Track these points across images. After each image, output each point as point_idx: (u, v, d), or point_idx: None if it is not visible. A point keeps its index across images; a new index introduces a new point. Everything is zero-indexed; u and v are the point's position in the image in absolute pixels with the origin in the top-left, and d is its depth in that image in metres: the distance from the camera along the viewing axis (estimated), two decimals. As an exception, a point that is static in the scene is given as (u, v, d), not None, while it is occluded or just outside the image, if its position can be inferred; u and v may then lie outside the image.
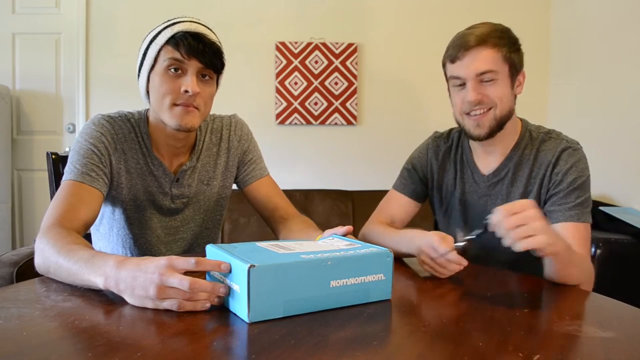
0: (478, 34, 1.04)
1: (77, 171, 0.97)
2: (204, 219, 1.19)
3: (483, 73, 1.04)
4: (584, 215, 1.03)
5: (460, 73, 1.06)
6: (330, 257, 0.68)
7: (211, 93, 1.04)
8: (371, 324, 0.64)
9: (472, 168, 1.18)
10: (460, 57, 1.05)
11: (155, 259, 0.67)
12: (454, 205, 1.21)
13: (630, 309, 0.75)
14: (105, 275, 0.68)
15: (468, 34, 1.06)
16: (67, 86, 2.94)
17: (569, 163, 1.06)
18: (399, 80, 3.04)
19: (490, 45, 1.04)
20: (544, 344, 0.59)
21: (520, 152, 1.12)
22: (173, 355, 0.52)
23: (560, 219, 1.03)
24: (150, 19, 1.34)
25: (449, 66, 1.10)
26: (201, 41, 0.97)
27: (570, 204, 1.03)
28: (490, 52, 1.03)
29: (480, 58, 1.03)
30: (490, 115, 1.06)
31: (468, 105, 1.06)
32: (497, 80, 1.05)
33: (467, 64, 1.04)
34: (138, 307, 0.66)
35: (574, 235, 1.00)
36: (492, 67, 1.04)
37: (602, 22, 2.56)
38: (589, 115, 2.63)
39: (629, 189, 2.36)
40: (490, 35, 1.04)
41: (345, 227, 0.89)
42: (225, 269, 0.66)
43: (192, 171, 1.14)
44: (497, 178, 1.14)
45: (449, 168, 1.22)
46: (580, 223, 1.02)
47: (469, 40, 1.04)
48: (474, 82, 1.05)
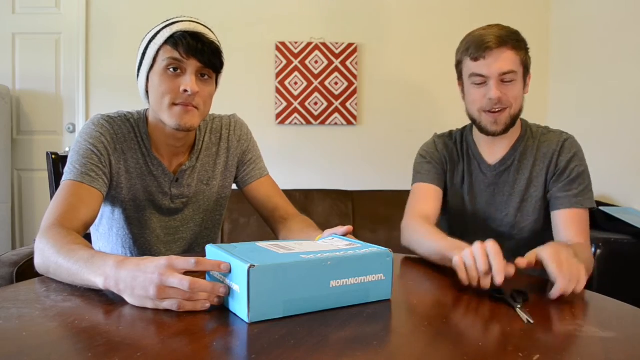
0: (498, 35, 1.10)
1: (76, 171, 0.97)
2: (204, 219, 1.19)
3: (506, 73, 1.10)
4: (587, 201, 1.13)
5: (483, 71, 1.11)
6: (330, 257, 0.68)
7: (210, 92, 1.04)
8: (371, 324, 0.64)
9: (479, 159, 1.25)
10: (484, 56, 1.10)
11: (155, 259, 0.67)
12: (464, 197, 1.26)
13: (630, 309, 0.75)
14: (105, 275, 0.68)
15: (487, 34, 1.11)
16: (67, 86, 2.94)
17: (572, 152, 1.16)
18: (399, 80, 3.04)
19: (511, 47, 1.10)
20: (544, 344, 0.59)
21: (524, 143, 1.22)
22: (173, 355, 0.52)
23: (566, 205, 1.12)
24: (150, 19, 1.34)
25: (470, 64, 1.13)
26: (200, 40, 0.97)
27: (574, 190, 1.13)
28: (511, 54, 1.10)
29: (503, 58, 1.09)
30: (507, 114, 1.14)
31: (489, 103, 1.12)
32: (515, 81, 1.12)
33: (490, 63, 1.10)
34: (138, 307, 0.66)
35: (577, 221, 1.11)
36: (514, 68, 1.10)
37: (602, 22, 2.56)
38: (589, 115, 2.63)
39: (629, 189, 2.36)
40: (510, 37, 1.10)
41: (345, 227, 0.89)
42: (225, 269, 0.66)
43: (192, 171, 1.14)
44: (504, 167, 1.22)
45: (458, 162, 1.28)
46: (582, 209, 1.12)
47: (491, 40, 1.09)
48: (496, 80, 1.10)
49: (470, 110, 1.19)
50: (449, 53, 1.33)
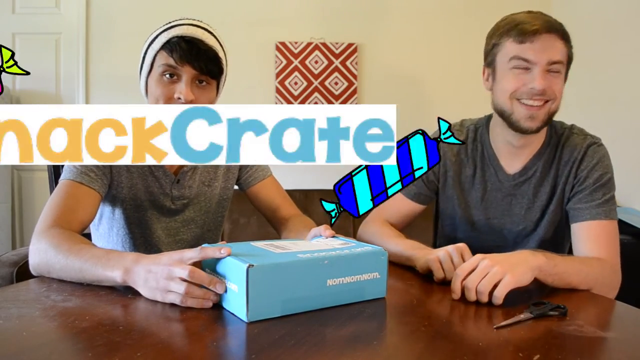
0: (547, 20, 0.98)
1: (76, 171, 0.97)
2: (205, 220, 1.19)
3: (554, 63, 0.97)
4: (612, 213, 1.00)
5: (530, 56, 0.97)
6: (327, 256, 0.69)
7: (209, 99, 1.03)
8: (371, 324, 0.64)
9: (495, 166, 1.12)
10: (532, 40, 0.96)
11: (170, 252, 0.71)
12: (473, 203, 1.14)
13: (630, 309, 0.75)
14: (125, 268, 0.71)
15: (534, 17, 0.98)
16: (67, 86, 2.93)
17: (595, 159, 1.02)
18: (399, 80, 3.04)
19: (560, 35, 0.98)
20: (544, 344, 0.59)
21: (549, 149, 1.08)
22: (173, 355, 0.52)
23: (587, 217, 0.99)
24: (150, 19, 1.34)
25: (514, 46, 0.98)
26: (196, 46, 0.96)
27: (597, 201, 1.00)
28: (561, 43, 0.98)
29: (554, 46, 0.97)
30: (547, 109, 1.00)
31: (529, 92, 0.98)
32: (561, 73, 1.00)
33: (540, 49, 0.96)
34: (138, 307, 0.67)
35: (601, 233, 0.98)
36: (562, 59, 0.98)
37: (602, 22, 2.56)
38: (589, 115, 2.63)
39: (629, 189, 2.36)
40: (559, 26, 0.99)
41: (328, 231, 0.87)
42: (224, 254, 0.67)
43: (193, 172, 1.14)
44: (524, 177, 1.09)
45: (467, 163, 1.15)
46: (607, 220, 0.99)
47: (540, 24, 0.96)
48: (542, 69, 0.97)
49: (500, 99, 1.03)
50: (449, 53, 1.33)
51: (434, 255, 0.88)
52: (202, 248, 0.69)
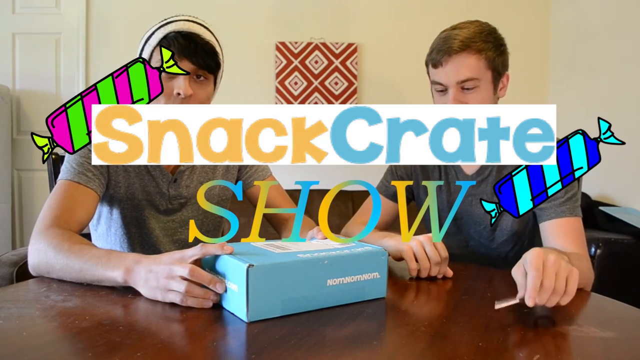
0: (462, 38, 1.03)
1: (73, 171, 0.97)
2: (203, 220, 1.19)
3: (465, 81, 1.03)
4: (576, 210, 1.00)
5: (441, 79, 1.05)
6: (327, 256, 0.69)
7: (207, 94, 1.03)
8: (371, 324, 0.64)
9: (456, 168, 1.18)
10: (443, 64, 1.04)
11: (171, 252, 0.71)
12: (442, 207, 1.19)
13: (630, 309, 0.75)
14: (126, 268, 0.72)
15: (452, 36, 1.04)
16: (67, 86, 2.93)
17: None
18: (399, 80, 3.04)
19: (474, 50, 1.03)
20: (544, 344, 0.59)
21: None
22: (173, 355, 0.52)
23: (553, 216, 1.00)
24: (150, 19, 1.34)
25: (431, 70, 1.09)
26: (193, 41, 0.96)
27: (560, 199, 1.00)
28: (473, 59, 1.03)
29: (462, 65, 1.02)
30: None
31: None
32: (478, 87, 1.04)
33: (448, 71, 1.03)
34: (138, 307, 0.67)
35: (568, 231, 0.98)
36: (474, 75, 1.03)
37: (602, 22, 2.56)
38: (589, 115, 2.63)
39: (629, 189, 2.36)
40: (475, 38, 1.03)
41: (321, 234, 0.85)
42: (227, 250, 0.68)
43: (191, 172, 1.14)
44: (482, 177, 1.14)
45: (433, 168, 1.21)
46: (572, 217, 0.99)
47: (453, 44, 1.03)
48: (455, 89, 1.04)
49: None
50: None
51: (406, 245, 0.89)
52: (203, 245, 0.70)
